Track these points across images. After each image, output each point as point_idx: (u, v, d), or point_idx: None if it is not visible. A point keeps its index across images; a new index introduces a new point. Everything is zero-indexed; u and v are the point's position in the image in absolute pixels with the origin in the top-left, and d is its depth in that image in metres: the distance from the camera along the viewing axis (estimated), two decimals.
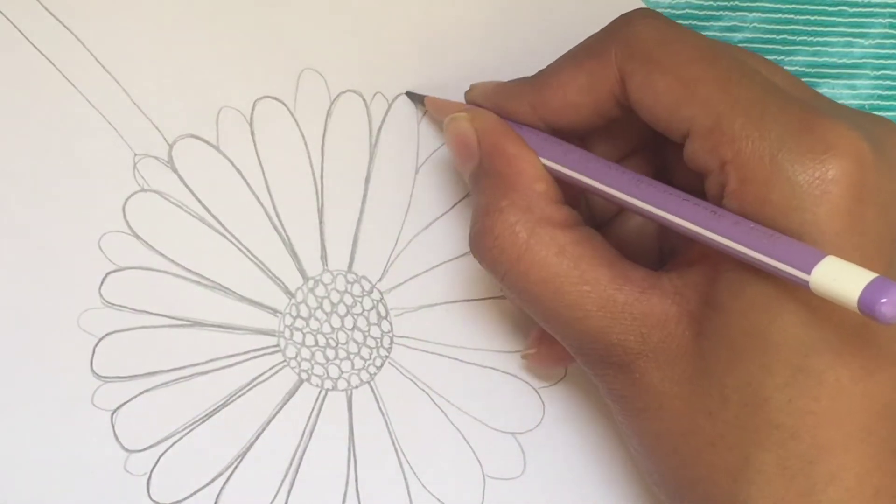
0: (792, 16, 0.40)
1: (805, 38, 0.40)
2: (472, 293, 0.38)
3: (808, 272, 0.27)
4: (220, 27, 0.38)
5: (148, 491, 0.36)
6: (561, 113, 0.33)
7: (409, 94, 0.38)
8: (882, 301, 0.26)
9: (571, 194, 0.34)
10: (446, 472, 0.37)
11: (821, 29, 0.40)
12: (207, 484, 0.36)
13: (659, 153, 0.35)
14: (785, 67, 0.39)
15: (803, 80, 0.34)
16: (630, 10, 0.32)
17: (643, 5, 0.39)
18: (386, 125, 0.38)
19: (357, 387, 0.38)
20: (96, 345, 0.36)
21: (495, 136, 0.33)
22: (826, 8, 0.40)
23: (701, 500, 0.30)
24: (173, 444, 0.36)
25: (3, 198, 0.36)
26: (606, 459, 0.32)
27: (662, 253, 0.36)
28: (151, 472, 0.36)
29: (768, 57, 0.39)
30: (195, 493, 0.36)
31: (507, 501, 0.37)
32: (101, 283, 0.36)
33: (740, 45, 0.40)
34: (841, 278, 0.26)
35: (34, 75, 0.37)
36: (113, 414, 0.36)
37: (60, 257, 0.36)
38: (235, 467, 0.36)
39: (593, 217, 0.37)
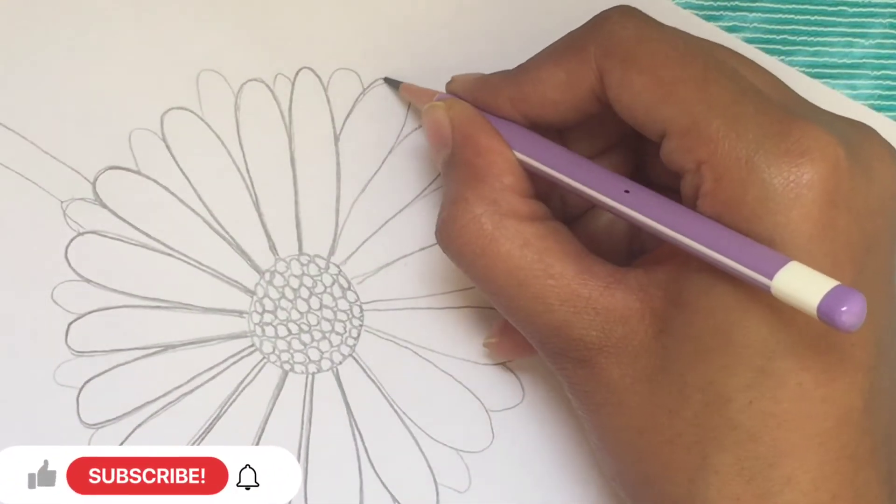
0: (792, 16, 0.40)
1: (805, 38, 0.40)
2: (425, 241, 0.38)
3: (771, 277, 0.27)
4: (108, 51, 0.37)
5: None
6: (540, 108, 0.33)
7: (387, 80, 0.38)
8: (842, 310, 0.26)
9: (545, 188, 0.34)
10: (450, 419, 0.37)
11: (821, 29, 0.40)
12: None
13: (637, 149, 0.35)
14: (785, 68, 0.39)
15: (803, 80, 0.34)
16: (610, 7, 0.32)
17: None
18: (295, 103, 0.38)
19: (341, 362, 0.38)
20: (78, 396, 0.36)
21: (469, 127, 0.33)
22: (826, 8, 0.40)
23: (658, 498, 0.30)
24: None
25: None
26: None
27: (631, 251, 0.36)
28: None
29: (768, 57, 0.39)
30: None
31: (515, 430, 0.38)
32: (66, 334, 0.36)
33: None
34: (802, 285, 0.26)
35: None
36: None
37: (19, 322, 0.36)
38: None
39: (565, 211, 0.36)
